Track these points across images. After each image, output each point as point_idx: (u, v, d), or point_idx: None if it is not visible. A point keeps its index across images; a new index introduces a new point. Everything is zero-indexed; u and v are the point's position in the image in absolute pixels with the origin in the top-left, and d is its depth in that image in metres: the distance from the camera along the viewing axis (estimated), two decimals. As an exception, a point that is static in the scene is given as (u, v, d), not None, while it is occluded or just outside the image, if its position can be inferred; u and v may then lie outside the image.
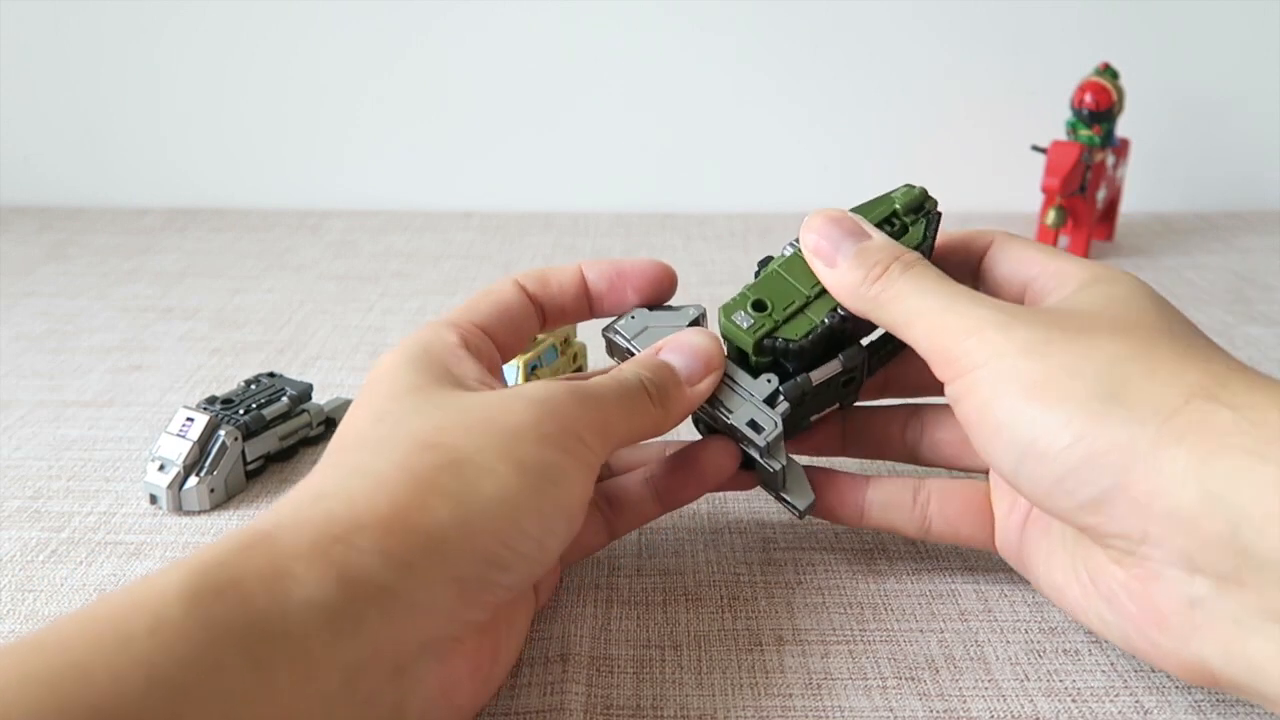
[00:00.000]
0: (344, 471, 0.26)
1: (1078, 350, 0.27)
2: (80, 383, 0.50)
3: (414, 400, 0.28)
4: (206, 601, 0.22)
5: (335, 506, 0.25)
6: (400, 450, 0.26)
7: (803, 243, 0.33)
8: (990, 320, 0.28)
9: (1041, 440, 0.26)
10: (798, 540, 0.37)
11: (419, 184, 0.79)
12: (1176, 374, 0.26)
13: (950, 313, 0.29)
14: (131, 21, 0.75)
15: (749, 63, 0.75)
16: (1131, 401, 0.25)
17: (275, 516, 0.25)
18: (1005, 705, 0.29)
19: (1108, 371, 0.26)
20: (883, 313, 0.31)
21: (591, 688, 0.30)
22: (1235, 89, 0.75)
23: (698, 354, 0.32)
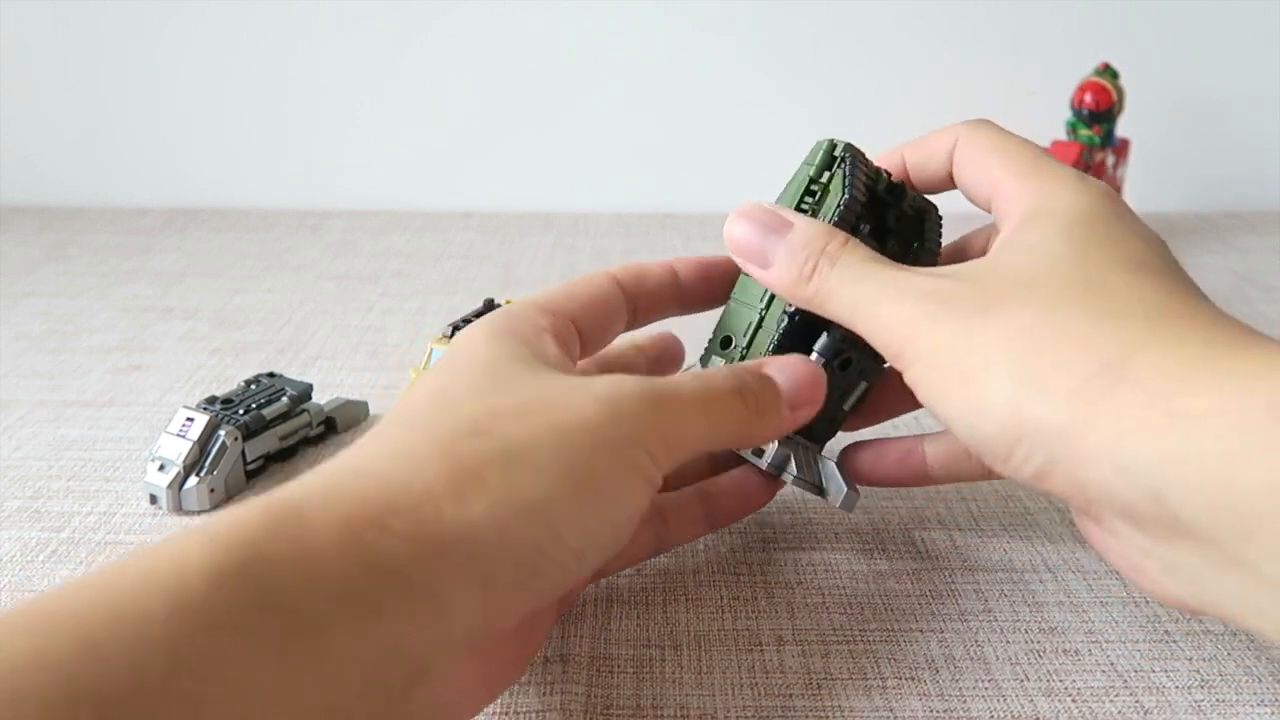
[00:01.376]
0: (388, 447, 0.25)
1: (994, 332, 0.27)
2: (80, 383, 0.50)
3: (478, 379, 0.27)
4: (231, 584, 0.20)
5: (371, 486, 0.23)
6: (449, 433, 0.25)
7: (729, 249, 0.32)
8: (920, 313, 0.28)
9: (982, 427, 0.27)
10: (798, 540, 0.37)
11: (419, 184, 0.79)
12: (1085, 347, 0.25)
13: (883, 305, 0.29)
14: (131, 21, 0.75)
15: (749, 62, 0.75)
16: (1043, 381, 0.26)
17: (306, 488, 0.23)
18: (1005, 705, 0.29)
19: (1015, 353, 0.26)
20: (824, 310, 0.30)
21: (591, 688, 0.30)
22: (1235, 89, 0.75)
23: (804, 379, 0.30)
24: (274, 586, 0.21)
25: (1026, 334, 0.26)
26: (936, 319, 0.28)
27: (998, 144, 0.32)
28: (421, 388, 0.28)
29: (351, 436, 0.44)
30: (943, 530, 0.37)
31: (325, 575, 0.21)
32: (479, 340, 0.29)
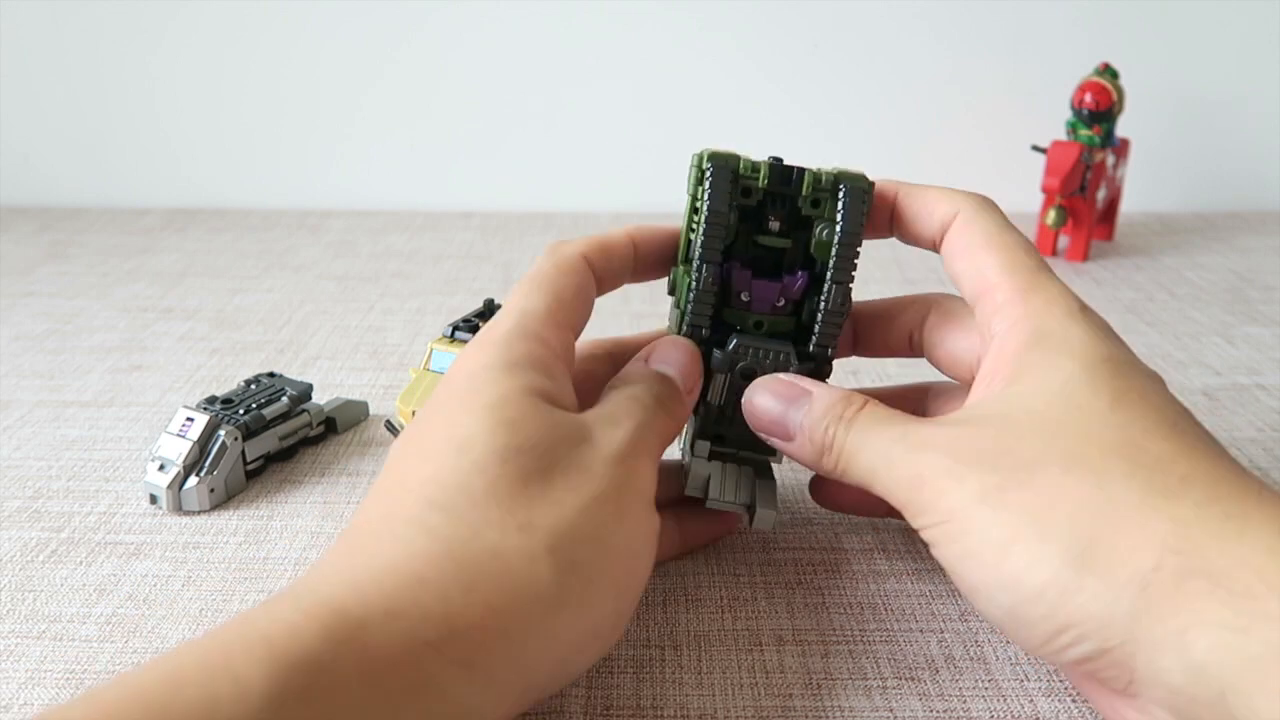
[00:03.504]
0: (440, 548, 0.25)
1: (1038, 500, 0.25)
2: (80, 383, 0.50)
3: (505, 439, 0.27)
4: (291, 706, 0.21)
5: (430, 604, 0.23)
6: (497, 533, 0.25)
7: (750, 423, 0.32)
8: (940, 468, 0.27)
9: (1019, 608, 0.25)
10: (798, 540, 0.37)
11: (419, 184, 0.79)
12: (1143, 528, 0.24)
13: (901, 465, 0.28)
14: (131, 22, 0.75)
15: (749, 62, 0.76)
16: (1101, 567, 0.24)
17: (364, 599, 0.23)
18: (1005, 705, 0.29)
19: (1071, 528, 0.24)
20: (848, 478, 0.30)
21: (591, 688, 0.30)
22: (1235, 89, 0.75)
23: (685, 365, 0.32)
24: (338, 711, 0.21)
25: (1076, 509, 0.24)
26: (960, 478, 0.26)
27: (995, 237, 0.31)
28: (442, 439, 0.27)
29: (352, 436, 0.44)
30: (943, 530, 0.37)
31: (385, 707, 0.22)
32: (497, 377, 0.28)
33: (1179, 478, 0.25)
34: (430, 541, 0.25)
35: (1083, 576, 0.24)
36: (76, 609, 0.33)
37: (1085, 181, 0.64)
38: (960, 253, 0.31)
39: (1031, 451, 0.26)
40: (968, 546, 0.26)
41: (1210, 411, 0.46)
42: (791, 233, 0.33)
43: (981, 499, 0.26)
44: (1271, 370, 0.50)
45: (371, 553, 0.25)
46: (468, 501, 0.25)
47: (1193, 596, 0.23)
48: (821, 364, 0.33)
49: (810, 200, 0.32)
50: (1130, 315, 0.57)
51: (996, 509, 0.25)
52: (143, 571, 0.35)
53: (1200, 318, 0.57)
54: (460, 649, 0.23)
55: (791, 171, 0.33)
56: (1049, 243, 0.67)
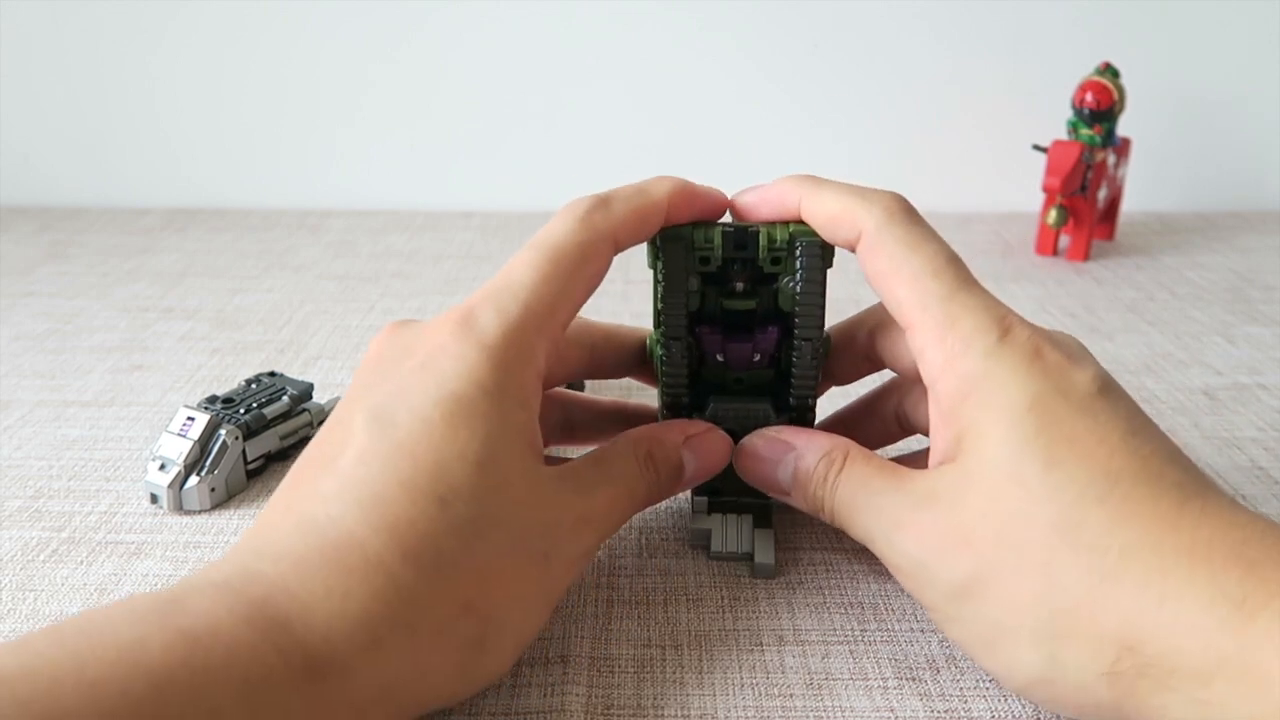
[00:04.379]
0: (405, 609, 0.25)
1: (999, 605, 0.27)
2: (81, 383, 0.50)
3: (487, 481, 0.27)
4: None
5: (403, 672, 0.25)
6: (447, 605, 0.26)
7: (744, 479, 0.34)
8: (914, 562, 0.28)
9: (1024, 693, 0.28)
10: (798, 540, 0.37)
11: (419, 184, 0.79)
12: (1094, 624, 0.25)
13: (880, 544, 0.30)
14: (131, 22, 0.75)
15: (749, 62, 0.75)
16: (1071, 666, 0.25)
17: (335, 650, 0.24)
18: (1006, 705, 0.29)
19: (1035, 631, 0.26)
20: (849, 534, 0.31)
21: (592, 688, 0.30)
22: (1235, 89, 0.75)
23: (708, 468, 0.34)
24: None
25: (1035, 609, 0.26)
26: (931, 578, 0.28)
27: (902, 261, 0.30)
28: (426, 477, 0.26)
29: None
30: (943, 530, 0.37)
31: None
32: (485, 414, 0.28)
33: (1118, 553, 0.25)
34: (396, 595, 0.25)
35: (1058, 673, 0.26)
36: (78, 608, 0.33)
37: (1086, 181, 0.64)
38: (873, 280, 0.31)
39: (985, 541, 0.27)
40: (959, 639, 0.28)
41: (1211, 411, 0.46)
42: (757, 290, 0.33)
43: (954, 599, 0.28)
44: (1272, 370, 0.50)
45: (344, 593, 0.25)
46: (434, 563, 0.26)
47: (1154, 686, 0.24)
48: (804, 413, 0.34)
49: (770, 259, 0.33)
50: (1131, 315, 0.57)
51: (969, 609, 0.27)
52: (144, 571, 0.35)
53: (1201, 317, 0.57)
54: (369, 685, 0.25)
55: (745, 235, 0.32)
56: (1050, 242, 0.67)
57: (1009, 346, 0.28)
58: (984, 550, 0.27)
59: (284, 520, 0.27)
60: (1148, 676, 0.24)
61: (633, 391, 0.47)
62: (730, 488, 0.35)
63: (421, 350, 0.29)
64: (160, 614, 0.23)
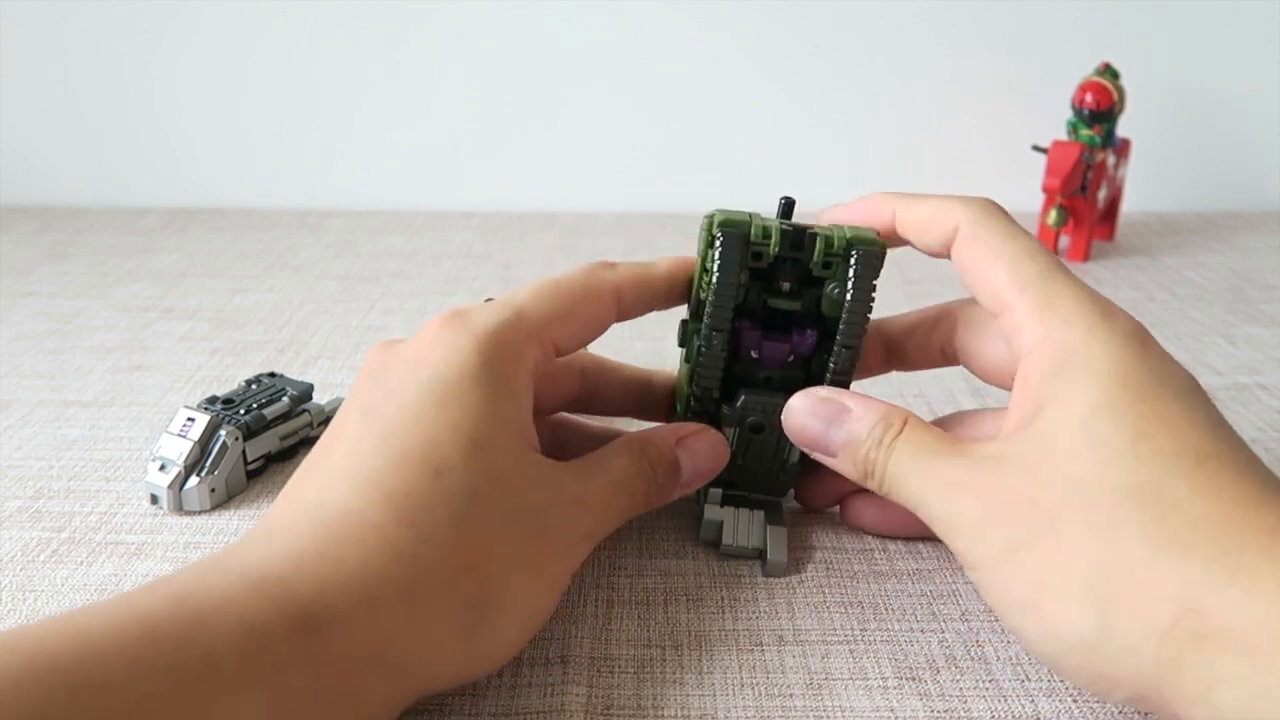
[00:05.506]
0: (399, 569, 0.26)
1: (1057, 558, 0.26)
2: (81, 383, 0.50)
3: (481, 459, 0.28)
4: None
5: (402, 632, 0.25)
6: (446, 566, 0.26)
7: (791, 437, 0.33)
8: (970, 518, 0.28)
9: (1059, 659, 0.26)
10: (798, 541, 0.37)
11: (419, 184, 0.79)
12: (1156, 586, 0.24)
13: (933, 509, 0.29)
14: (131, 21, 0.75)
15: (750, 62, 0.75)
16: (1121, 626, 0.25)
17: (330, 605, 0.24)
18: (1006, 705, 0.29)
19: (1090, 587, 0.25)
20: (895, 500, 0.30)
21: (592, 688, 0.30)
22: (1235, 89, 0.75)
23: (705, 469, 0.34)
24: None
25: (1093, 567, 0.25)
26: (984, 529, 0.27)
27: (1001, 249, 0.30)
28: (417, 454, 0.27)
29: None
30: (943, 530, 0.37)
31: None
32: (470, 380, 0.29)
33: (1193, 523, 0.25)
34: (393, 556, 0.26)
35: (1106, 634, 0.25)
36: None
37: (1086, 181, 0.64)
38: (969, 269, 0.31)
39: (1052, 501, 0.26)
40: (1001, 598, 0.27)
41: (1211, 411, 0.46)
42: (801, 291, 0.33)
43: (1007, 556, 0.27)
44: (1272, 370, 0.50)
45: (338, 557, 0.25)
46: (431, 529, 0.26)
47: (1211, 655, 0.23)
48: None
49: (822, 263, 0.32)
50: (1131, 315, 0.57)
51: (1020, 566, 0.26)
52: (144, 571, 0.35)
53: (1201, 317, 0.57)
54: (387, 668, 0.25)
55: (803, 236, 0.32)
56: (1050, 243, 0.67)
57: (1112, 327, 0.28)
58: (1050, 508, 0.26)
59: (280, 513, 0.28)
60: (1205, 645, 0.23)
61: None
62: (745, 482, 0.35)
63: (412, 350, 0.30)
64: (146, 585, 0.24)
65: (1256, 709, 0.23)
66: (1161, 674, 0.24)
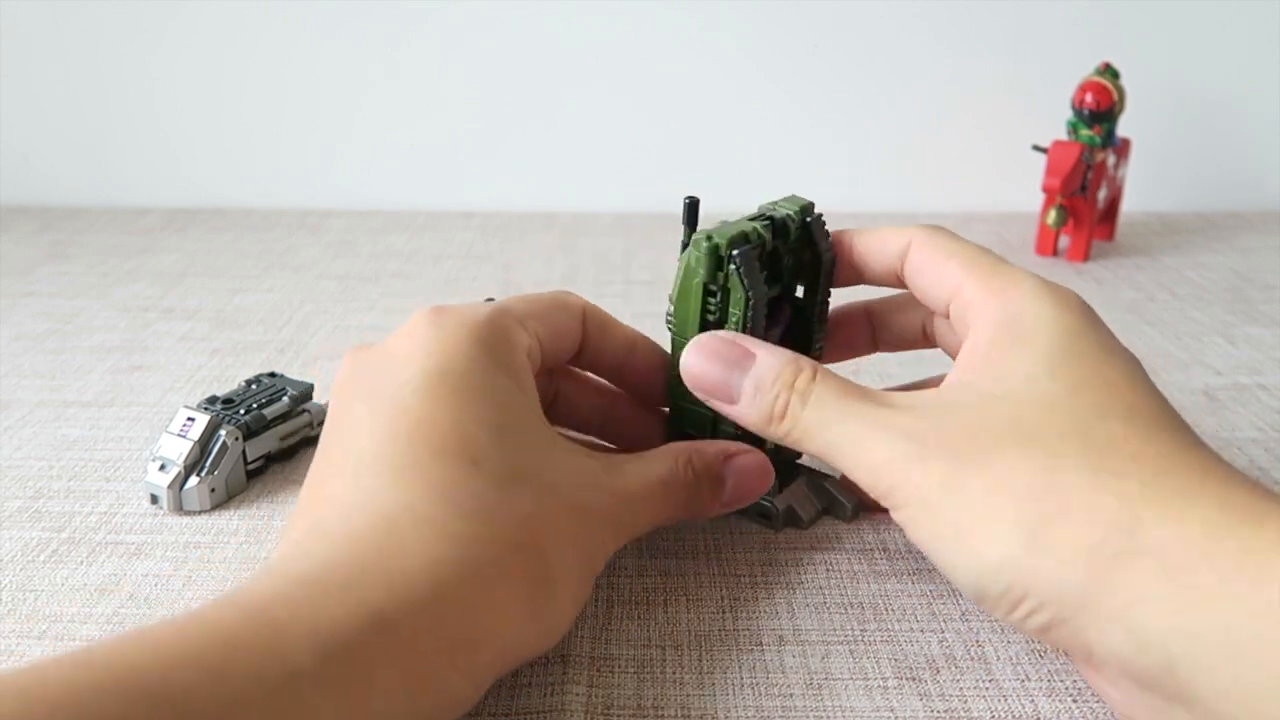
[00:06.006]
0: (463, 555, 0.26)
1: (994, 483, 0.26)
2: (81, 383, 0.50)
3: (510, 445, 0.28)
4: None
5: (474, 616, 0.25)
6: (501, 546, 0.26)
7: (688, 383, 0.32)
8: (905, 454, 0.27)
9: (982, 582, 0.26)
10: (798, 540, 0.37)
11: (419, 184, 0.79)
12: (1090, 507, 0.25)
13: (862, 447, 0.28)
14: (131, 22, 0.75)
15: (750, 62, 0.75)
16: (1051, 544, 0.25)
17: (399, 601, 0.24)
18: (1006, 705, 0.29)
19: (1023, 509, 0.25)
20: (801, 447, 0.30)
21: (592, 688, 0.30)
22: (1235, 89, 0.75)
23: (750, 489, 0.34)
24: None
25: (1028, 491, 0.26)
26: (922, 462, 0.27)
27: (956, 249, 0.32)
28: (455, 445, 0.28)
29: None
30: (943, 530, 0.37)
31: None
32: (477, 361, 0.29)
33: (1129, 456, 0.26)
34: (451, 543, 0.26)
35: (1034, 553, 0.25)
36: (78, 609, 0.33)
37: (1086, 181, 0.64)
38: (922, 269, 0.33)
39: (990, 436, 0.27)
40: (935, 529, 0.27)
41: (1211, 411, 0.46)
42: (774, 276, 0.35)
43: (943, 485, 0.27)
44: (1272, 370, 0.50)
45: (400, 552, 0.25)
46: (481, 512, 0.27)
47: (1137, 572, 0.24)
48: None
49: (796, 239, 0.35)
50: (1131, 315, 0.57)
51: (956, 494, 0.27)
52: (144, 571, 0.35)
53: (1201, 317, 0.57)
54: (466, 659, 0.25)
55: (776, 222, 0.34)
56: (1050, 243, 0.67)
57: (1058, 300, 0.29)
58: (991, 442, 0.27)
59: (322, 511, 0.27)
60: (1132, 563, 0.24)
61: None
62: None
63: (405, 345, 0.30)
64: (214, 601, 0.24)
65: (1171, 625, 0.23)
66: (1084, 592, 0.24)
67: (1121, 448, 0.26)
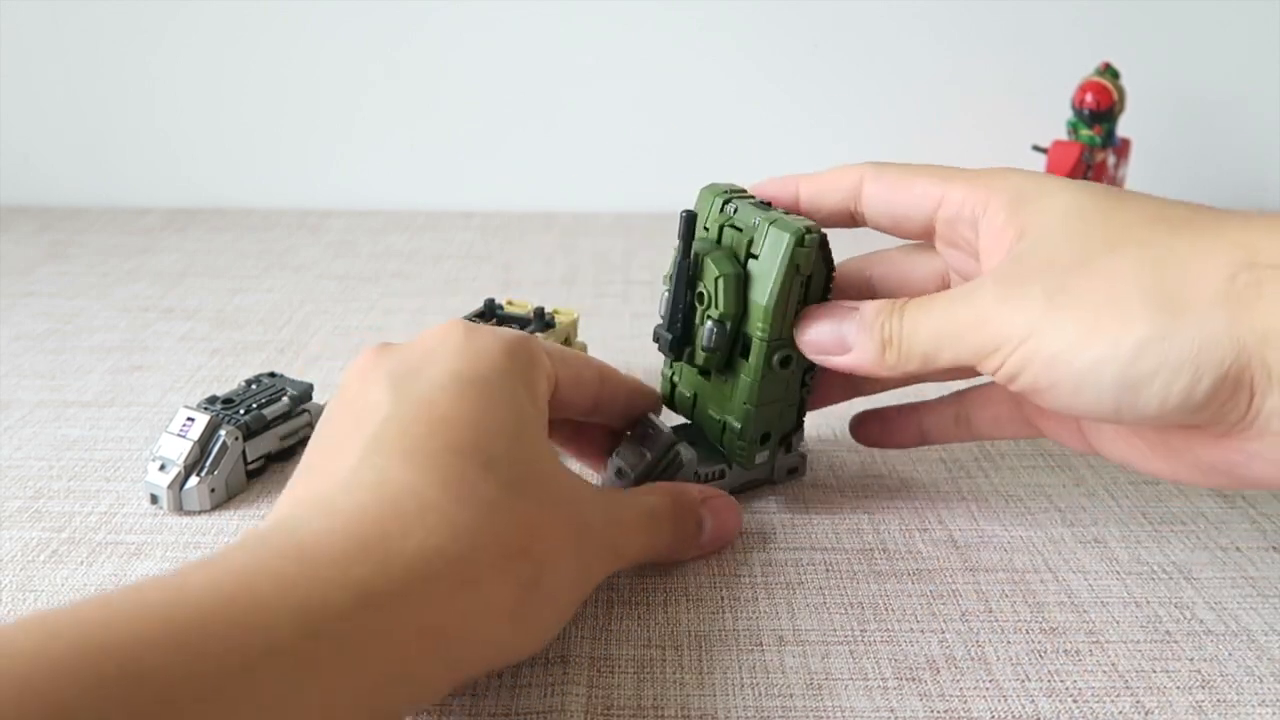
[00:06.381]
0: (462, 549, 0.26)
1: (1100, 281, 0.27)
2: (81, 383, 0.50)
3: (523, 454, 0.29)
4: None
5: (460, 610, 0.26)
6: (502, 547, 0.27)
7: (806, 352, 0.34)
8: (997, 299, 0.28)
9: (1128, 374, 0.26)
10: (798, 540, 0.37)
11: (419, 184, 0.79)
12: (1206, 258, 0.26)
13: (961, 317, 0.29)
14: (131, 22, 0.75)
15: (750, 62, 0.75)
16: (1185, 301, 0.25)
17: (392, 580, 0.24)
18: (1006, 705, 0.29)
19: (1142, 286, 0.26)
20: (911, 365, 0.31)
21: (592, 688, 0.30)
22: (1235, 89, 0.75)
23: (726, 530, 0.36)
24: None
25: (1138, 271, 0.26)
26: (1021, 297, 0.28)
27: (916, 170, 0.33)
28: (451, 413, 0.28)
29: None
30: (943, 530, 0.37)
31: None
32: (507, 376, 0.30)
33: (1212, 220, 0.27)
34: (452, 534, 0.26)
35: (1172, 317, 0.25)
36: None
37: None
38: (888, 196, 0.33)
39: (1071, 255, 0.28)
40: (1054, 349, 0.27)
41: (1211, 411, 0.46)
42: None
43: (1049, 304, 0.27)
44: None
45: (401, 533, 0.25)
46: (488, 511, 0.27)
47: (1274, 289, 0.25)
48: None
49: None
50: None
51: (1066, 306, 0.27)
52: (144, 571, 0.35)
53: (1201, 318, 0.57)
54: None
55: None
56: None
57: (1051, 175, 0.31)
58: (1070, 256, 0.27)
59: (330, 484, 0.27)
60: (1268, 282, 0.25)
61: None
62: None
63: (433, 343, 0.31)
64: (195, 566, 0.23)
65: None
66: (1233, 331, 0.25)
67: (1198, 218, 0.27)
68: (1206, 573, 0.35)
